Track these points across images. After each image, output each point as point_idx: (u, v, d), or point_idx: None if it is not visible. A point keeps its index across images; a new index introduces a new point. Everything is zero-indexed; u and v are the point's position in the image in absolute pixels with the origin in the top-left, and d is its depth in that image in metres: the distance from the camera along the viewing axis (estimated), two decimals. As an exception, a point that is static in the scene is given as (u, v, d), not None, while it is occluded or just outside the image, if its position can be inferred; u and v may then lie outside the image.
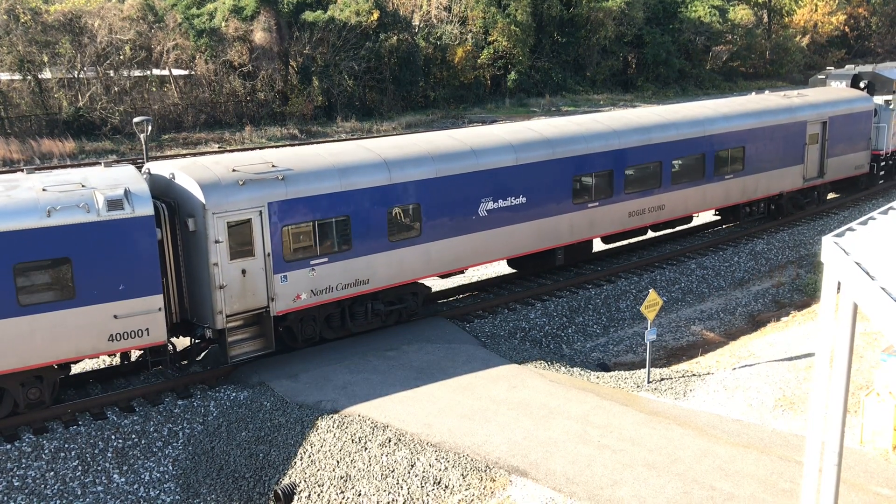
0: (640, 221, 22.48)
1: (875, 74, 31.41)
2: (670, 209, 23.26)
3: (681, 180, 23.36)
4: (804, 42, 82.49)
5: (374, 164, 17.20)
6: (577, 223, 20.86)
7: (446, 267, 18.55)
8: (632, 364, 18.65)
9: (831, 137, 28.30)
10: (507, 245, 19.53)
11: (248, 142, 47.93)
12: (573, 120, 22.05)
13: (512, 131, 20.25)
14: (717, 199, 24.74)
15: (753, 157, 25.42)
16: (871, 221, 9.39)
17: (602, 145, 21.06)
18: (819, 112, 27.77)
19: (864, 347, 15.95)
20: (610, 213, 21.62)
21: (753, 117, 25.38)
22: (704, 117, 24.06)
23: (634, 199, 22.14)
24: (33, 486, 13.28)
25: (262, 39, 52.01)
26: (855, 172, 30.23)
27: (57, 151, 43.01)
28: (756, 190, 25.92)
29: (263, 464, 13.81)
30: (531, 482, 11.60)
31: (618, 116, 22.91)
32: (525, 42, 65.25)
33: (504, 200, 19.21)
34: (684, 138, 23.11)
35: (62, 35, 48.12)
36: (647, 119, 22.88)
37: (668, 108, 24.68)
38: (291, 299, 16.24)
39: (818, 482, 8.48)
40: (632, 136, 21.84)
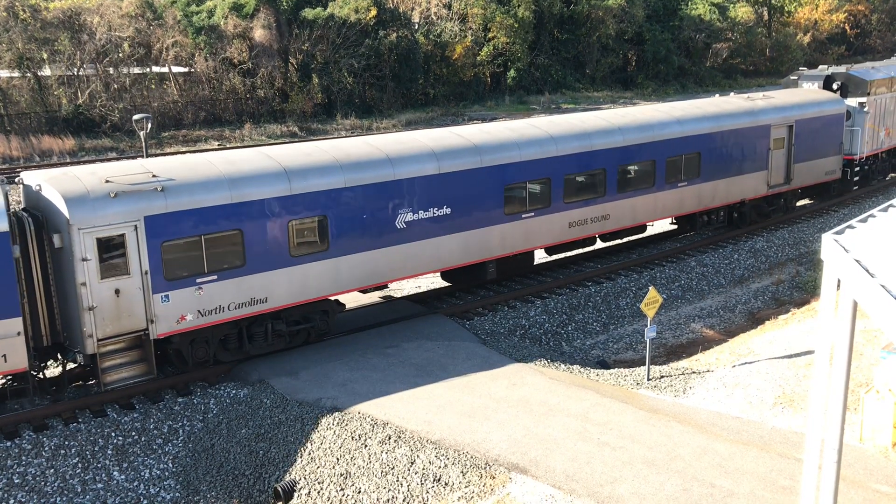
0: (582, 232, 21.17)
1: (848, 75, 30.01)
2: (616, 219, 21.91)
3: (628, 188, 22.00)
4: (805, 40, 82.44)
5: (273, 174, 16.00)
6: (510, 235, 19.60)
7: (361, 283, 17.34)
8: (632, 361, 18.67)
9: (798, 142, 26.85)
10: (430, 259, 18.29)
11: (248, 139, 47.92)
12: (508, 125, 20.80)
13: (435, 138, 18.97)
14: (670, 208, 23.37)
15: (710, 164, 24.06)
16: (870, 219, 9.39)
17: (537, 152, 19.75)
18: (784, 115, 26.35)
19: (864, 345, 15.96)
20: (547, 223, 20.31)
21: (710, 121, 24.02)
22: (655, 121, 22.71)
23: (575, 209, 20.80)
24: (33, 484, 13.28)
25: (262, 37, 51.97)
26: (826, 178, 28.73)
27: (57, 149, 43.00)
28: (714, 198, 24.55)
29: (263, 461, 13.82)
30: (531, 479, 11.61)
31: (558, 121, 21.51)
32: (525, 39, 65.21)
33: (426, 212, 17.97)
34: (631, 144, 21.77)
35: (61, 32, 48.07)
36: (591, 124, 21.56)
37: (616, 113, 23.40)
38: (175, 321, 14.98)
39: (818, 479, 8.49)
40: (571, 143, 20.51)
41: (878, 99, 30.52)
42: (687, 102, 25.72)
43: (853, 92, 29.79)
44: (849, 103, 29.57)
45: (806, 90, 29.19)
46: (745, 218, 26.38)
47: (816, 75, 30.56)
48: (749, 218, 26.44)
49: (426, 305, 20.25)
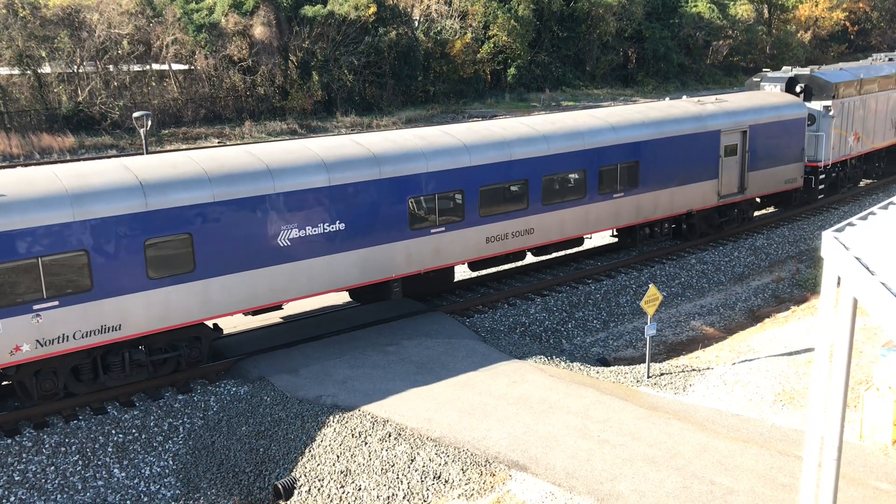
0: (503, 247, 19.59)
1: (812, 77, 28.24)
2: (542, 233, 20.27)
3: (555, 200, 20.33)
4: (805, 37, 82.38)
5: (126, 189, 14.50)
6: (417, 252, 18.07)
7: (238, 306, 15.84)
8: (631, 359, 18.68)
9: (754, 148, 25.04)
10: (322, 278, 16.79)
11: (248, 136, 47.92)
12: (417, 133, 19.22)
13: (327, 147, 17.37)
14: (605, 221, 21.65)
15: (651, 173, 22.31)
16: (871, 216, 9.39)
17: (447, 162, 18.23)
18: (737, 120, 24.49)
19: (864, 342, 15.97)
20: (461, 239, 18.74)
21: (650, 127, 22.25)
22: (586, 128, 21.06)
23: (493, 223, 19.23)
24: (34, 481, 13.30)
25: (262, 34, 51.94)
26: (786, 187, 26.84)
27: (57, 146, 43.00)
28: (655, 209, 22.77)
29: (263, 458, 13.83)
30: (531, 477, 11.62)
31: (475, 129, 19.89)
32: (525, 37, 65.18)
33: (314, 227, 16.48)
34: (557, 153, 20.14)
35: (61, 29, 48.03)
36: (512, 131, 19.90)
37: (544, 119, 21.58)
38: (7, 352, 13.58)
39: (817, 477, 8.49)
40: (487, 152, 18.94)
41: (845, 102, 28.71)
42: (628, 107, 24.08)
43: (818, 95, 28.05)
44: (812, 107, 27.95)
45: (764, 93, 27.43)
46: (695, 230, 24.77)
47: (778, 77, 28.78)
48: (699, 230, 24.82)
49: (426, 303, 20.26)
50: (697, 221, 24.57)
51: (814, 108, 27.94)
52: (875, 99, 30.94)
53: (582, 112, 22.94)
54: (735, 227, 26.09)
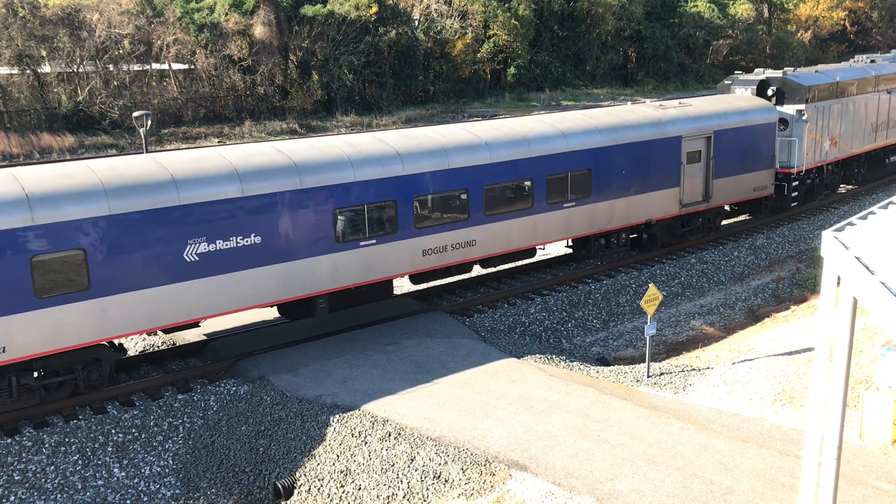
0: (442, 260, 18.57)
1: (785, 80, 26.94)
2: (485, 245, 19.25)
3: (499, 210, 19.29)
4: (805, 37, 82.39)
5: (9, 202, 13.52)
6: (345, 266, 17.06)
7: (138, 326, 14.87)
8: (631, 358, 18.68)
9: (719, 155, 23.92)
10: (236, 295, 15.78)
11: (248, 136, 47.92)
12: (347, 140, 18.18)
13: (241, 155, 16.34)
14: (555, 232, 20.56)
15: (604, 181, 21.24)
16: (871, 216, 9.39)
17: (378, 171, 17.28)
18: (700, 126, 23.36)
19: (864, 342, 15.97)
20: (394, 252, 17.77)
21: (604, 134, 21.16)
22: (534, 135, 19.95)
23: (430, 235, 18.24)
24: (34, 480, 13.30)
25: (262, 34, 51.95)
26: (755, 195, 25.72)
27: (56, 146, 43.01)
28: (611, 219, 21.68)
29: (263, 458, 13.83)
30: (531, 476, 11.62)
31: (412, 135, 18.91)
32: (525, 36, 65.21)
33: (226, 241, 15.49)
34: (501, 161, 19.14)
35: (61, 29, 48.04)
36: (452, 138, 18.90)
37: (487, 125, 20.43)
38: None
39: (817, 476, 8.49)
40: (423, 160, 17.97)
41: (820, 106, 27.43)
42: (581, 112, 22.74)
43: (790, 98, 26.75)
44: (785, 111, 26.68)
45: (732, 97, 26.25)
46: (656, 240, 23.61)
47: (749, 80, 27.42)
48: (660, 240, 23.67)
49: (426, 302, 20.26)
50: (658, 231, 23.45)
51: (786, 112, 26.72)
52: (853, 102, 29.60)
53: (531, 118, 21.84)
54: (700, 238, 24.89)
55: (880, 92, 31.38)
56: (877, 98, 31.25)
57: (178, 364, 17.10)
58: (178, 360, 17.34)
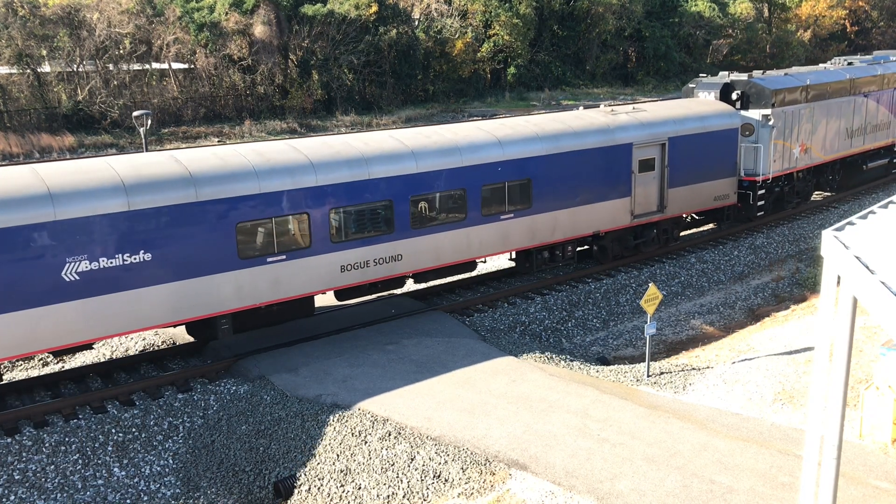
0: (363, 276, 17.52)
1: (750, 84, 25.59)
2: (413, 260, 18.18)
3: (427, 223, 18.26)
4: (805, 36, 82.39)
5: None
6: (250, 283, 16.04)
7: (10, 351, 13.90)
8: (631, 358, 18.68)
9: (674, 163, 22.72)
10: (121, 316, 14.78)
11: (248, 136, 47.93)
12: (254, 148, 17.08)
13: (133, 165, 15.18)
14: (491, 245, 19.47)
15: (547, 191, 20.10)
16: (871, 215, 9.39)
17: (287, 182, 16.22)
18: (653, 132, 22.19)
19: (864, 341, 15.97)
20: (307, 268, 16.68)
21: (545, 142, 20.01)
22: (466, 143, 18.81)
23: (349, 250, 17.21)
24: (34, 480, 13.30)
25: (262, 33, 51.96)
26: (716, 204, 24.56)
27: (56, 146, 43.01)
28: (554, 231, 20.52)
29: (263, 457, 13.84)
30: (531, 476, 11.63)
31: (330, 143, 17.79)
32: (525, 36, 65.22)
33: (110, 259, 14.45)
34: (429, 170, 18.07)
35: (61, 29, 48.05)
36: (374, 146, 17.82)
37: (415, 133, 19.29)
38: None
39: (817, 476, 8.50)
40: (340, 170, 16.91)
41: (788, 111, 26.08)
42: (523, 119, 21.55)
43: (755, 103, 25.41)
44: (750, 116, 25.44)
45: (691, 101, 25.03)
46: (607, 252, 22.41)
47: (713, 84, 26.07)
48: (611, 252, 22.45)
49: (426, 302, 20.26)
50: (609, 243, 22.29)
51: (751, 117, 25.48)
52: (826, 107, 28.17)
53: (467, 125, 20.65)
54: (655, 249, 23.69)
55: (856, 96, 29.88)
56: (852, 102, 29.71)
57: (178, 363, 17.11)
58: (178, 359, 17.35)
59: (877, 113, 31.42)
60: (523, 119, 21.46)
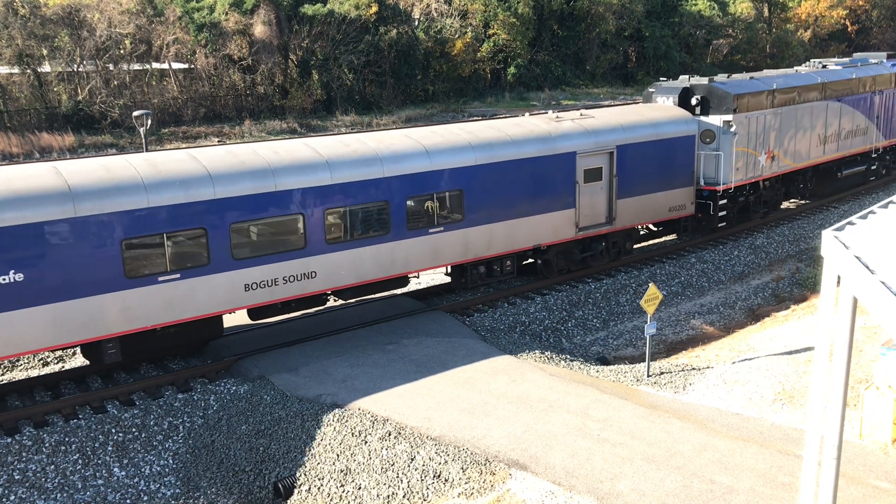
0: (271, 295, 16.40)
1: (710, 88, 24.21)
2: (328, 277, 17.06)
3: (345, 238, 17.19)
4: (805, 36, 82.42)
5: None
6: (140, 304, 14.94)
7: None
8: (631, 358, 18.68)
9: (623, 172, 21.55)
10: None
11: (248, 135, 47.94)
12: (146, 158, 15.93)
13: (6, 178, 14.15)
14: (419, 260, 18.32)
15: (481, 203, 18.98)
16: (871, 215, 9.39)
17: (181, 195, 15.10)
18: (599, 140, 20.99)
19: (864, 341, 15.97)
20: (205, 287, 15.57)
21: (479, 151, 18.88)
22: (389, 152, 17.78)
23: (253, 267, 16.06)
24: (34, 480, 13.30)
25: (262, 33, 51.98)
26: (671, 215, 23.34)
27: (56, 145, 43.03)
28: (490, 246, 19.39)
29: (263, 457, 13.84)
30: (531, 476, 11.63)
31: (235, 152, 16.67)
32: (525, 35, 65.24)
33: None
34: (345, 182, 16.97)
35: (61, 29, 48.08)
36: (284, 156, 16.69)
37: (333, 141, 18.08)
38: None
39: (817, 476, 8.50)
40: (242, 182, 15.81)
41: (752, 116, 24.67)
42: (456, 126, 20.36)
43: (716, 108, 24.03)
44: (710, 122, 24.08)
45: (643, 107, 23.95)
46: (551, 266, 21.31)
47: (671, 88, 24.75)
48: (555, 266, 21.36)
49: (426, 302, 20.26)
50: (553, 257, 21.20)
51: (711, 123, 24.08)
52: (796, 112, 26.68)
53: (396, 133, 19.51)
54: (606, 263, 22.48)
55: (829, 100, 28.30)
56: (825, 107, 28.13)
57: (178, 363, 17.11)
58: (178, 359, 17.35)
59: (852, 118, 29.80)
60: (457, 127, 20.30)
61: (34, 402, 15.07)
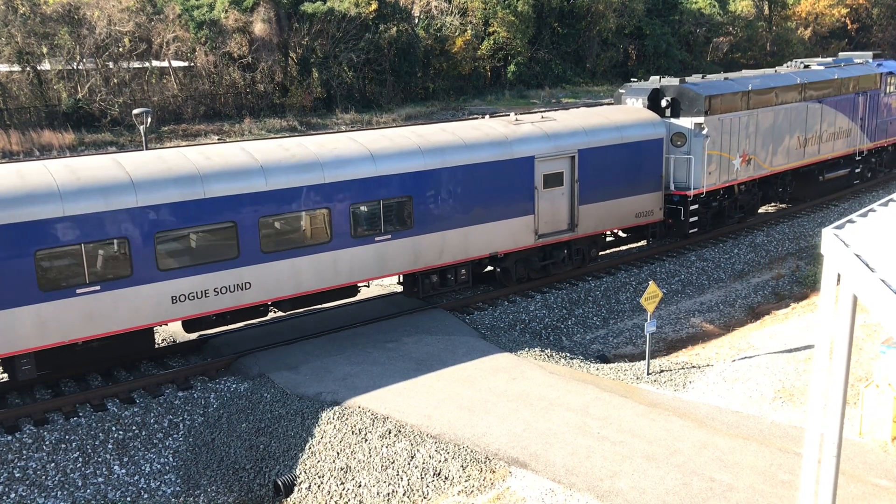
0: (201, 308, 15.67)
1: (681, 89, 23.23)
2: (264, 288, 16.31)
3: (282, 247, 16.44)
4: (806, 34, 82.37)
5: None
6: (56, 318, 14.22)
7: None
8: (631, 356, 18.69)
9: (585, 177, 20.77)
10: None
11: (248, 134, 47.94)
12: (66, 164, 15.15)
13: None
14: (364, 270, 17.55)
15: (431, 210, 18.24)
16: (871, 213, 9.39)
17: (101, 203, 14.37)
18: (560, 144, 20.23)
19: (864, 339, 15.98)
20: (127, 299, 14.80)
21: (429, 156, 18.15)
22: (331, 157, 16.99)
23: (181, 278, 15.36)
24: (34, 478, 13.31)
25: (262, 31, 51.95)
26: (638, 221, 22.52)
27: (56, 143, 43.03)
28: (442, 254, 18.62)
29: (264, 455, 13.85)
30: (531, 473, 11.64)
31: (164, 157, 15.97)
32: (525, 33, 65.21)
33: None
34: (283, 188, 16.22)
35: (61, 26, 48.07)
36: (217, 161, 15.93)
37: (272, 146, 17.27)
38: None
39: (817, 473, 8.50)
40: (168, 189, 15.06)
41: (725, 118, 23.71)
42: (407, 130, 19.57)
43: (687, 110, 23.06)
44: (680, 124, 23.08)
45: (608, 109, 23.09)
46: (510, 275, 20.51)
47: (641, 89, 23.78)
48: (514, 275, 20.56)
49: (426, 300, 20.26)
50: (512, 265, 20.39)
51: (682, 125, 23.10)
52: (773, 113, 25.75)
53: (341, 136, 18.62)
54: (568, 271, 21.67)
55: (809, 102, 27.32)
56: (804, 108, 27.14)
57: (178, 361, 17.12)
58: (178, 357, 17.36)
59: (834, 120, 28.77)
60: (408, 130, 19.44)
61: (34, 400, 15.08)
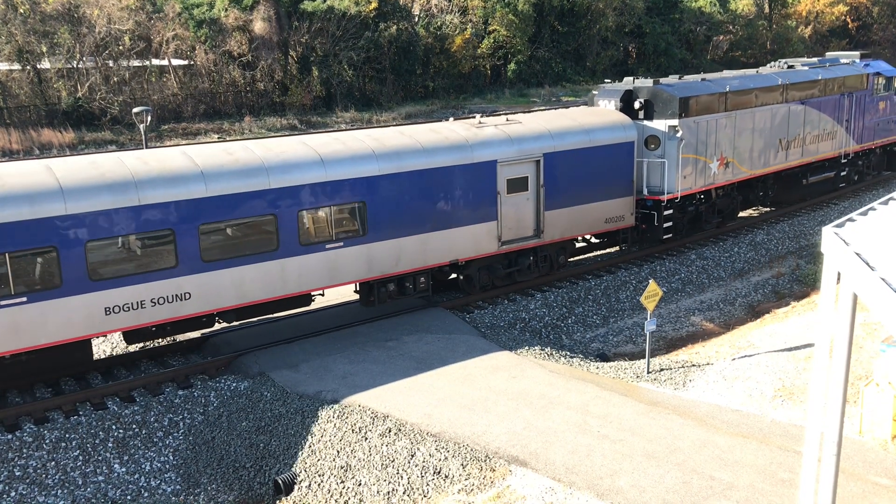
0: (137, 319, 15.04)
1: (654, 91, 22.53)
2: (205, 298, 15.72)
3: (224, 255, 15.81)
4: (806, 32, 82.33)
5: None
6: None
7: None
8: (631, 354, 18.69)
9: (552, 182, 20.18)
10: None
11: (248, 132, 47.92)
12: None
13: None
14: (314, 279, 16.92)
15: (386, 217, 17.64)
16: (871, 212, 9.39)
17: (24, 212, 13.86)
18: (524, 148, 19.63)
19: (864, 338, 15.98)
20: (57, 311, 14.26)
21: (384, 160, 17.53)
22: (277, 162, 16.38)
23: (115, 289, 14.76)
24: (34, 476, 13.32)
25: (262, 29, 51.92)
26: (607, 227, 21.83)
27: (56, 142, 43.01)
28: (398, 261, 18.03)
29: (264, 454, 13.85)
30: (531, 472, 11.64)
31: (97, 162, 15.43)
32: (525, 31, 65.18)
33: None
34: (224, 194, 15.63)
35: (61, 25, 48.04)
36: (153, 166, 15.33)
37: (214, 149, 16.80)
38: None
39: (817, 472, 8.50)
40: (99, 196, 14.46)
41: (701, 121, 22.96)
42: (362, 133, 18.94)
43: (661, 112, 22.38)
44: (654, 127, 22.46)
45: (577, 111, 22.36)
46: (474, 282, 19.92)
47: (614, 91, 23.14)
48: (478, 282, 19.97)
49: (426, 299, 20.26)
50: (474, 273, 19.81)
51: (656, 128, 22.45)
52: (752, 115, 24.97)
53: (289, 140, 18.01)
54: (535, 279, 21.06)
55: (791, 103, 26.55)
56: (786, 110, 26.37)
57: (178, 360, 17.12)
58: (178, 356, 17.37)
59: (818, 122, 27.99)
60: (362, 133, 18.85)
61: (34, 399, 15.09)
